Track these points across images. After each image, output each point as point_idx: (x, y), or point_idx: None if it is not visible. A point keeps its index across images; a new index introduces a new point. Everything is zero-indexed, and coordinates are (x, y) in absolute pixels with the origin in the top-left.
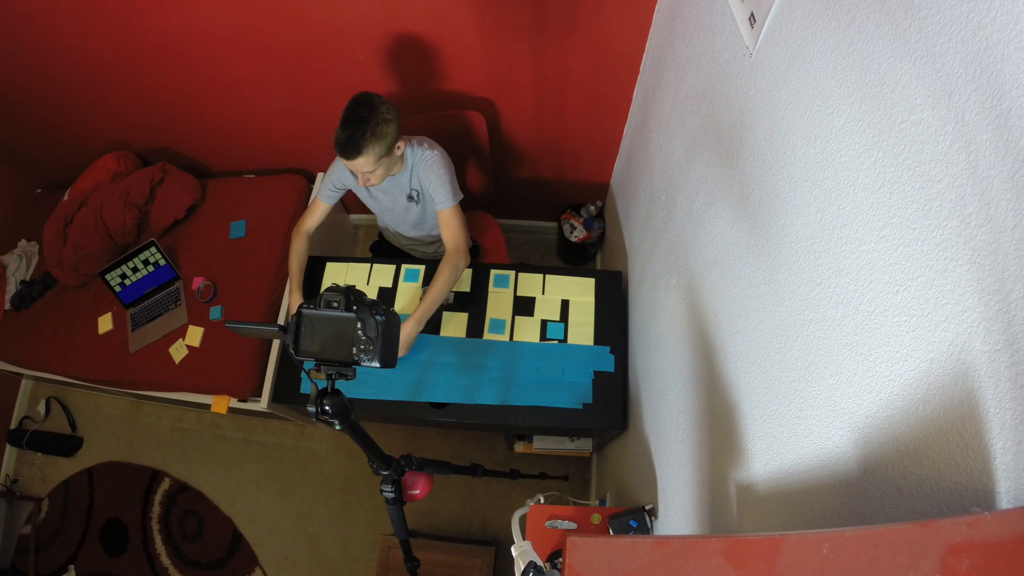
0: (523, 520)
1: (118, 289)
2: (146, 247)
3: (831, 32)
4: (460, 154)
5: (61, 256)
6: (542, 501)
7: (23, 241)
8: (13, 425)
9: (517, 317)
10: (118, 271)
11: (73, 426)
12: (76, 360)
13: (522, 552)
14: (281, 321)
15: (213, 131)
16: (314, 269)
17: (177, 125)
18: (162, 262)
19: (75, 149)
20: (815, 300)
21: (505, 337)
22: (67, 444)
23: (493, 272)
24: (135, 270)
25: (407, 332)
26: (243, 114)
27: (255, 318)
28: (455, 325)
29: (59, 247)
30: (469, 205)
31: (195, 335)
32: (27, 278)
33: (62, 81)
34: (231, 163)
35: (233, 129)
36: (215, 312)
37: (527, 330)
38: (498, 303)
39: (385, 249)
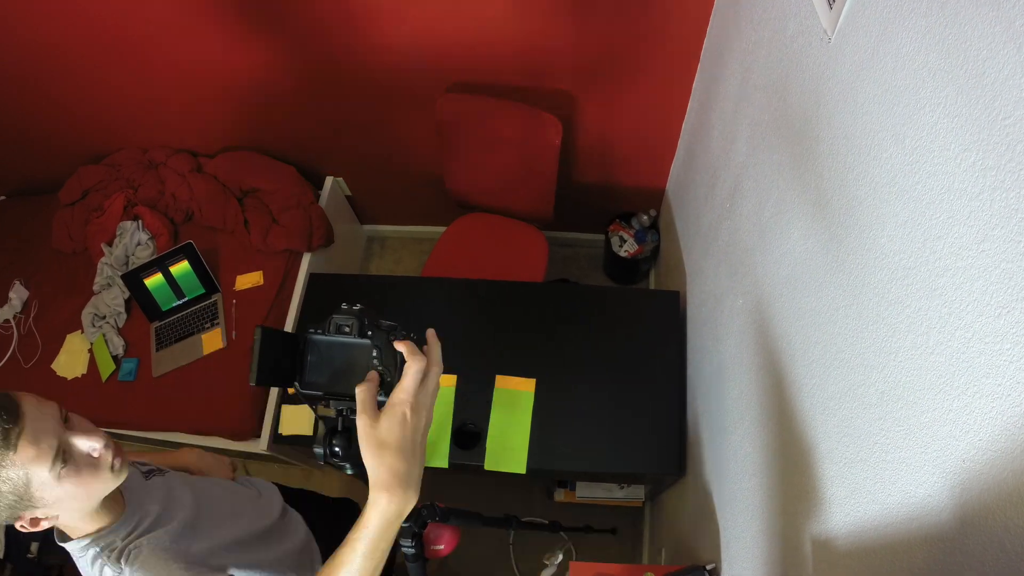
0: None
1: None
2: (181, 250)
3: (922, 13)
4: (522, 158)
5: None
6: (560, 558)
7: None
8: None
9: None
10: (146, 275)
11: None
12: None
13: None
14: None
15: (205, 130)
16: (322, 288)
17: (164, 124)
18: (199, 271)
19: (45, 153)
20: (903, 325)
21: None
22: None
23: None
24: (165, 275)
25: None
26: (240, 111)
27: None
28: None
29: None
30: (523, 215)
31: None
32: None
33: (31, 78)
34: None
35: (229, 128)
36: None
37: None
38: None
39: None
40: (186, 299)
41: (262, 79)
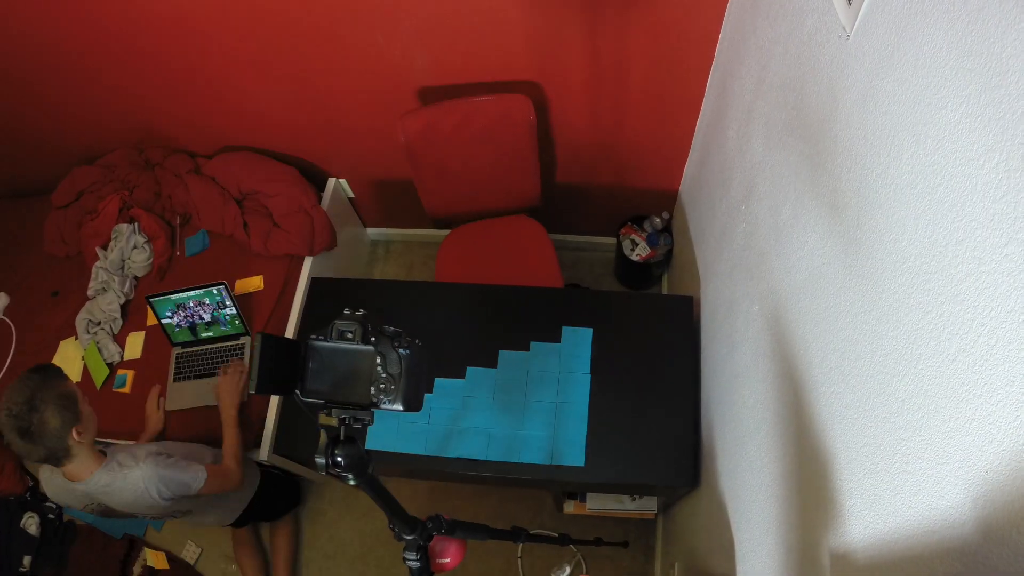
0: None
1: (168, 319)
2: (214, 286)
3: (943, 10)
4: (501, 148)
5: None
6: (569, 572)
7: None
8: None
9: None
10: (168, 297)
11: (34, 479)
12: None
13: None
14: None
15: (203, 127)
16: (324, 293)
17: (160, 123)
18: (231, 311)
19: (37, 153)
20: (925, 331)
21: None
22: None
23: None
24: (188, 302)
25: None
26: (240, 107)
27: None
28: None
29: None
30: (512, 209)
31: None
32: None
33: (21, 75)
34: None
35: (228, 125)
36: None
37: None
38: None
39: None
40: (213, 334)
41: (261, 76)
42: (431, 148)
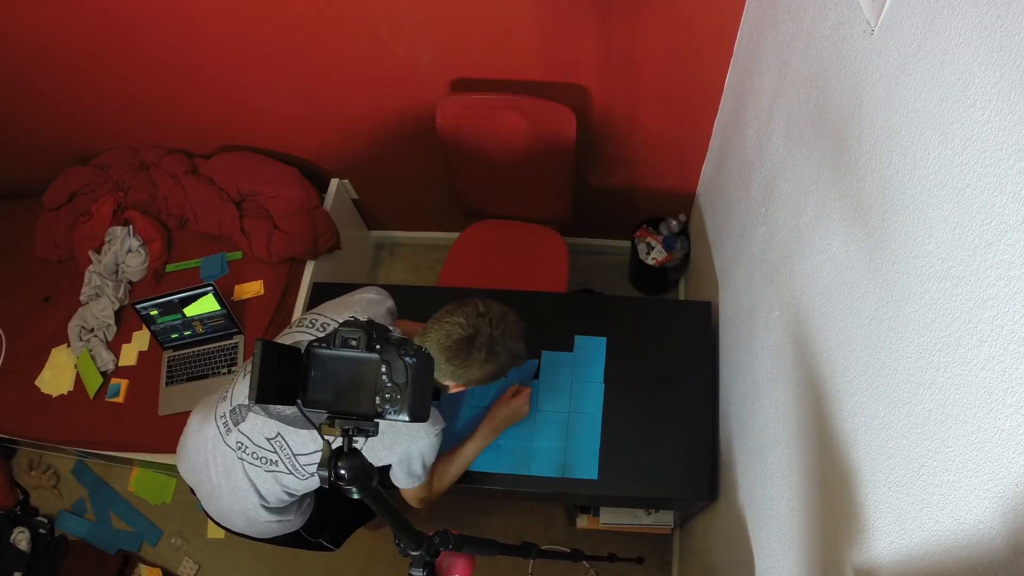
0: None
1: (155, 318)
2: (201, 289)
3: (971, 3)
4: (534, 159)
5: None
6: None
7: None
8: None
9: None
10: (154, 302)
11: (24, 492)
12: (23, 416)
13: None
14: None
15: (200, 126)
16: (327, 298)
17: (156, 122)
18: (217, 307)
19: (28, 153)
20: (952, 338)
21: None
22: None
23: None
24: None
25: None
26: (238, 105)
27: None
28: None
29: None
30: (541, 218)
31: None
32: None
33: (11, 72)
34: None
35: (226, 124)
36: None
37: None
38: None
39: None
40: (204, 334)
41: (261, 72)
42: (466, 135)
